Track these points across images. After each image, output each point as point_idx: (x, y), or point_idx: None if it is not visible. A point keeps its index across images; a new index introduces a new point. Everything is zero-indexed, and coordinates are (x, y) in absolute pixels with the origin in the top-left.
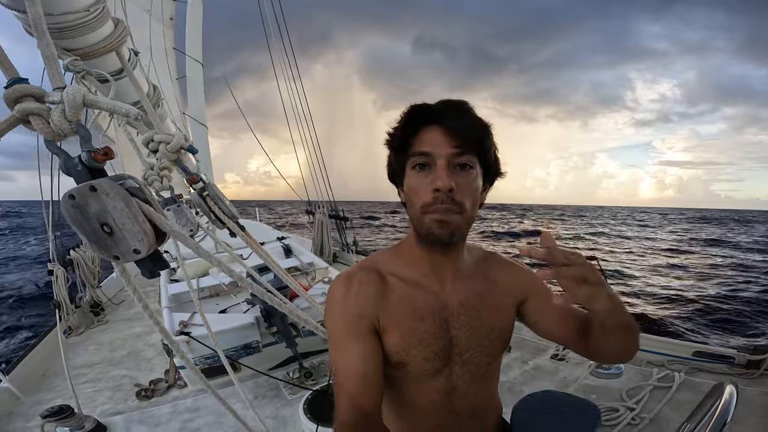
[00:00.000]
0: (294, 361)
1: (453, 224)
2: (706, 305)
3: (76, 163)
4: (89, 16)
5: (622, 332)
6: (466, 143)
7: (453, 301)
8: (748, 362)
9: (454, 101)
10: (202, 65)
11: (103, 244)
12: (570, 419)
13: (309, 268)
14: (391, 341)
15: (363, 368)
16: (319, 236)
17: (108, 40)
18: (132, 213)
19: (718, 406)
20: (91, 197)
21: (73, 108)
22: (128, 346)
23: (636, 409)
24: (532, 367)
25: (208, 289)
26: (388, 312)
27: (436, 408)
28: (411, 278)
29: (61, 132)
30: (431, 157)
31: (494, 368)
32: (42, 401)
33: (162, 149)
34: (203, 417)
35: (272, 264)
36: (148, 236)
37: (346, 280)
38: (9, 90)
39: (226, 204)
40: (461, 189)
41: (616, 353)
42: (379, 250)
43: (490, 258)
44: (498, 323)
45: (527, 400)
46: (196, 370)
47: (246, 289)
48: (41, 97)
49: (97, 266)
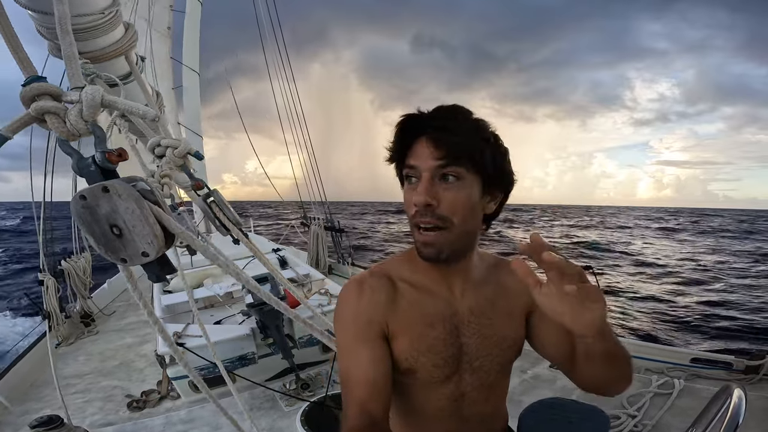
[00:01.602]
0: (290, 373)
1: (437, 244)
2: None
3: (89, 163)
4: (104, 19)
5: (610, 361)
6: (452, 154)
7: (463, 308)
8: (747, 368)
9: (445, 108)
10: (198, 75)
11: (111, 246)
12: (578, 425)
13: (305, 279)
14: (400, 347)
15: (372, 374)
16: (314, 248)
17: (119, 43)
18: (144, 215)
19: (728, 409)
20: (103, 198)
21: (91, 108)
22: (119, 357)
23: (638, 416)
24: (530, 376)
25: (202, 300)
26: (398, 318)
27: (445, 415)
28: (421, 284)
29: (77, 132)
30: (417, 170)
31: (504, 376)
32: (30, 411)
33: (169, 154)
34: (198, 429)
35: (274, 271)
36: (158, 239)
37: (357, 286)
38: (27, 88)
39: (231, 210)
40: (446, 203)
41: (603, 383)
42: (391, 256)
43: (501, 264)
44: (510, 332)
45: (535, 407)
46: (199, 379)
47: (241, 300)
48: (58, 96)
49: (88, 276)
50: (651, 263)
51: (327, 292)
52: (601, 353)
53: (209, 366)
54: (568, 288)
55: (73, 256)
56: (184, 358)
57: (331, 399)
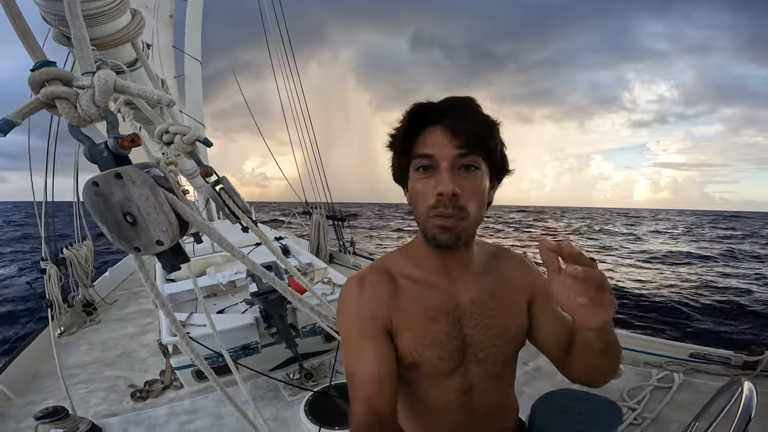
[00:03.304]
0: (293, 362)
1: (456, 229)
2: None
3: (101, 149)
4: (111, 5)
5: (606, 356)
6: (471, 143)
7: (465, 299)
8: (745, 363)
9: (459, 98)
10: (200, 63)
11: (124, 234)
12: (590, 417)
13: (308, 268)
14: (404, 342)
15: (377, 371)
16: (315, 237)
17: (126, 30)
18: (158, 202)
19: (739, 403)
20: (116, 185)
21: (103, 93)
22: (121, 347)
23: (638, 409)
24: (532, 368)
25: (205, 289)
26: (401, 313)
27: (454, 407)
28: (422, 278)
29: (89, 117)
30: (434, 159)
31: (511, 367)
32: (34, 402)
33: (177, 141)
34: (202, 419)
35: (281, 259)
36: (173, 227)
37: (358, 283)
38: (36, 73)
39: (240, 198)
40: (466, 192)
41: (593, 376)
42: (389, 252)
43: (500, 254)
44: (512, 322)
45: (546, 398)
46: (207, 367)
47: (243, 289)
48: (69, 81)
49: (90, 265)
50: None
51: (330, 281)
52: (600, 346)
53: (213, 355)
54: (581, 300)
55: (74, 244)
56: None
57: (335, 389)
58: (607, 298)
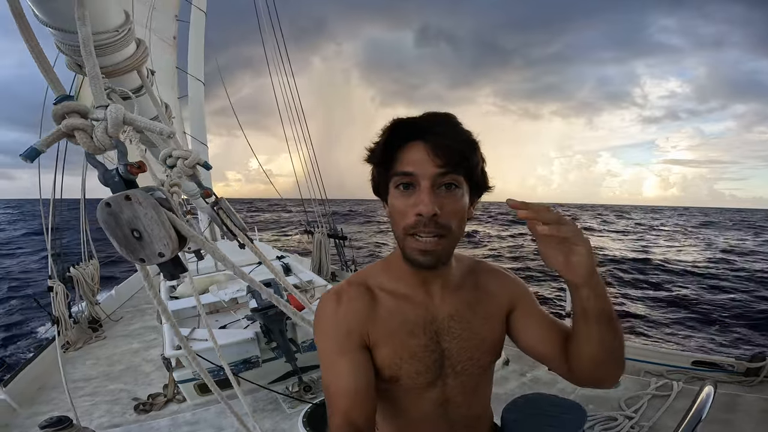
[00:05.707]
0: (293, 376)
1: (437, 252)
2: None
3: (114, 175)
4: (118, 36)
5: (605, 324)
6: (452, 162)
7: (443, 313)
8: (747, 370)
9: (440, 115)
10: (203, 84)
11: (131, 247)
12: (557, 419)
13: (308, 285)
14: (382, 356)
15: (354, 384)
16: (317, 255)
17: (132, 59)
18: (160, 220)
19: (693, 407)
20: (125, 205)
21: (115, 125)
22: (126, 361)
23: (635, 417)
24: (529, 378)
25: (207, 306)
26: (378, 326)
27: (432, 419)
28: (400, 292)
29: (102, 147)
30: (415, 177)
31: (487, 378)
32: (38, 413)
33: (180, 164)
34: (203, 430)
35: (278, 275)
36: (173, 241)
37: (335, 297)
38: (58, 106)
39: (237, 217)
40: (446, 210)
41: (600, 358)
42: (369, 264)
43: (478, 267)
44: (489, 334)
45: (517, 402)
46: (210, 379)
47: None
48: (86, 113)
49: (96, 283)
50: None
51: None
52: (597, 314)
53: (214, 369)
54: (540, 228)
55: (81, 263)
56: (195, 357)
57: None
58: (571, 228)
